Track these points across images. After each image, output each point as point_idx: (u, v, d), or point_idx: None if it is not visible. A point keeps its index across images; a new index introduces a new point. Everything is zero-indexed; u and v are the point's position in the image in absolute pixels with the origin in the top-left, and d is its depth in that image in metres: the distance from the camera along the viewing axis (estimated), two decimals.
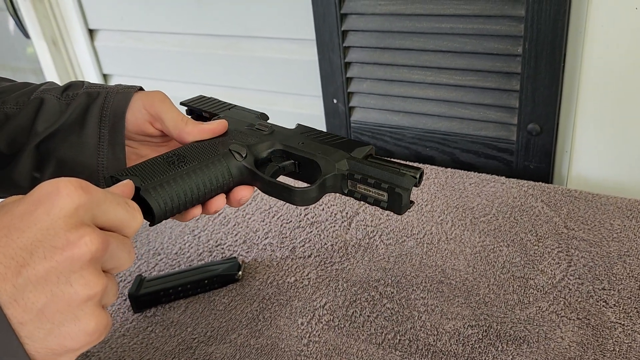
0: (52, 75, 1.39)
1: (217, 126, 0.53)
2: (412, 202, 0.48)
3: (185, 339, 0.64)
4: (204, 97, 0.61)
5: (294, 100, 1.13)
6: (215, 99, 0.61)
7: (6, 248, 0.31)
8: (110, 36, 1.31)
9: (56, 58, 1.37)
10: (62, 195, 0.32)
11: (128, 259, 0.37)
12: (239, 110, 0.58)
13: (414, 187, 0.47)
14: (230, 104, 0.59)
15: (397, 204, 0.46)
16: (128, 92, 0.55)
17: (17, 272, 0.31)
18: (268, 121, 0.56)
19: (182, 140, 0.53)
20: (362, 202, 0.83)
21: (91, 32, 1.32)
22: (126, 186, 0.41)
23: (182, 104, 0.60)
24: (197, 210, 0.49)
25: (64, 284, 0.31)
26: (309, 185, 0.49)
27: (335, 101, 1.04)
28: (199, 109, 0.59)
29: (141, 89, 0.57)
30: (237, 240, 0.79)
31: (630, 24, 0.75)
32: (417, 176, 0.47)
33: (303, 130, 0.54)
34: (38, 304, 0.31)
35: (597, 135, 0.84)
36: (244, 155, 0.50)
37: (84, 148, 0.55)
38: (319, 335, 0.62)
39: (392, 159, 0.50)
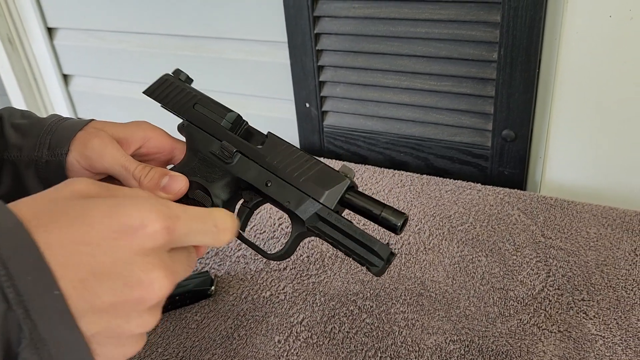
0: (9, 76, 1.33)
1: (177, 192, 0.46)
2: (393, 257, 0.44)
3: None
4: (168, 81, 0.55)
5: (265, 103, 1.10)
6: (180, 87, 0.54)
7: (79, 269, 0.30)
8: (71, 35, 1.25)
9: (12, 58, 1.31)
10: (147, 233, 0.31)
11: (187, 271, 0.36)
12: (204, 108, 0.52)
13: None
14: (195, 97, 0.53)
15: (372, 271, 0.44)
16: (59, 162, 0.47)
17: (81, 297, 0.30)
18: (237, 126, 0.52)
19: None
20: None
21: (50, 31, 1.26)
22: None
23: (144, 93, 0.55)
24: None
25: (122, 319, 0.31)
26: (281, 248, 0.48)
27: (307, 105, 1.01)
28: (161, 104, 0.54)
29: (81, 127, 0.49)
30: (208, 253, 0.76)
31: (605, 32, 0.75)
32: (399, 227, 0.44)
33: (271, 151, 0.49)
34: (91, 330, 0.31)
35: (571, 141, 0.85)
36: (208, 207, 0.47)
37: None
38: (297, 353, 0.60)
39: (370, 198, 0.46)
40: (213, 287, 0.69)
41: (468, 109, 0.89)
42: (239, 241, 0.77)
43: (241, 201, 0.51)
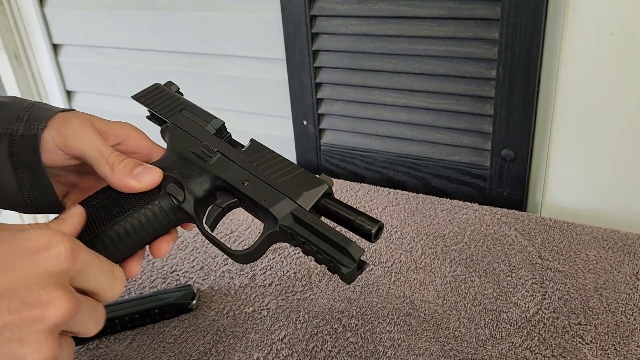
0: (14, 89, 1.34)
1: (149, 182, 0.45)
2: (364, 266, 0.42)
3: None
4: (159, 88, 0.55)
5: (263, 121, 1.09)
6: (170, 92, 0.55)
7: None
8: (75, 51, 1.26)
9: (18, 73, 1.32)
10: (51, 255, 0.32)
11: (95, 326, 0.36)
12: (191, 114, 0.52)
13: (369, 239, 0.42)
14: (184, 103, 0.53)
15: (342, 275, 0.42)
16: (34, 137, 0.46)
17: None
18: (221, 132, 0.51)
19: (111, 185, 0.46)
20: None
21: (55, 47, 1.27)
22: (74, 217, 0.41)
23: (133, 97, 0.54)
24: (139, 260, 0.46)
25: (16, 342, 0.30)
26: (251, 245, 0.45)
27: (305, 123, 1.00)
28: (149, 109, 0.54)
29: (62, 109, 0.48)
30: (193, 267, 0.74)
31: (606, 50, 0.73)
32: (373, 234, 0.42)
33: (254, 154, 0.49)
34: None
35: (572, 161, 0.82)
36: (181, 200, 0.46)
37: (4, 190, 0.47)
38: None
39: (346, 205, 0.44)
40: (194, 301, 0.66)
41: (466, 128, 0.87)
42: (225, 256, 0.75)
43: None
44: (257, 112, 1.09)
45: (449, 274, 0.69)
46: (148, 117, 0.56)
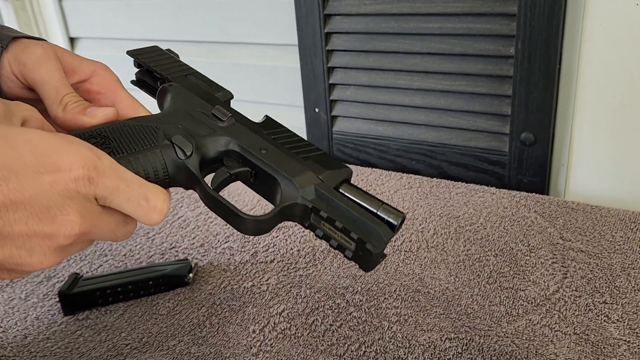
0: None
1: (102, 116, 0.40)
2: (383, 257, 0.38)
3: (117, 345, 0.55)
4: (159, 50, 0.51)
5: (274, 110, 1.06)
6: (172, 56, 0.50)
7: None
8: (91, 44, 1.26)
9: None
10: (71, 177, 0.31)
11: (116, 238, 0.36)
12: (198, 81, 0.47)
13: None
14: (190, 69, 0.49)
15: (365, 259, 0.37)
16: None
17: None
18: (231, 105, 0.46)
19: (59, 126, 0.42)
20: None
21: (72, 40, 1.28)
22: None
23: (128, 53, 0.50)
24: None
25: (25, 250, 0.31)
26: (264, 214, 0.39)
27: (317, 110, 0.97)
28: (148, 65, 0.48)
29: (30, 36, 0.45)
30: (194, 244, 0.71)
31: (632, 22, 0.69)
32: (397, 226, 0.37)
33: (270, 129, 0.43)
34: None
35: (597, 145, 0.77)
36: (188, 154, 0.39)
37: None
38: (271, 344, 0.53)
39: (368, 193, 0.40)
40: (191, 275, 0.63)
41: (484, 111, 0.83)
42: (226, 234, 0.72)
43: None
44: (269, 102, 1.06)
45: (462, 253, 0.64)
46: (135, 82, 0.50)
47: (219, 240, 0.71)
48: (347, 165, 0.42)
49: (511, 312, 0.55)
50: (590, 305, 0.55)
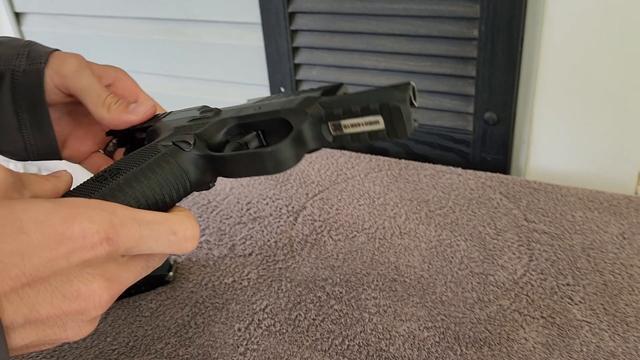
0: None
1: (144, 111, 0.47)
2: (416, 121, 0.38)
3: (104, 351, 0.56)
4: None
5: (239, 89, 1.05)
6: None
7: (14, 281, 0.28)
8: (40, 20, 1.20)
9: None
10: (86, 245, 0.30)
11: (137, 278, 0.35)
12: (177, 112, 0.49)
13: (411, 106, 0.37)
14: (166, 112, 0.50)
15: (400, 122, 0.36)
16: (37, 70, 0.46)
17: (17, 310, 0.29)
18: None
19: (106, 127, 0.48)
20: (308, 195, 0.76)
21: (18, 16, 1.21)
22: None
23: (107, 134, 0.52)
24: None
25: (59, 328, 0.30)
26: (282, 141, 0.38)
27: (282, 90, 0.97)
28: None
29: (55, 50, 0.49)
30: None
31: (592, 5, 0.71)
32: (409, 87, 0.37)
33: (256, 100, 0.45)
34: (25, 341, 0.30)
35: (557, 124, 0.80)
36: (191, 143, 0.40)
37: (4, 132, 0.48)
38: (257, 342, 0.55)
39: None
40: (171, 273, 0.64)
41: (449, 91, 0.84)
42: (202, 226, 0.72)
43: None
44: (233, 81, 1.05)
45: (434, 238, 0.67)
46: (109, 133, 0.52)
47: None
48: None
49: (483, 298, 0.58)
50: (555, 288, 0.59)
